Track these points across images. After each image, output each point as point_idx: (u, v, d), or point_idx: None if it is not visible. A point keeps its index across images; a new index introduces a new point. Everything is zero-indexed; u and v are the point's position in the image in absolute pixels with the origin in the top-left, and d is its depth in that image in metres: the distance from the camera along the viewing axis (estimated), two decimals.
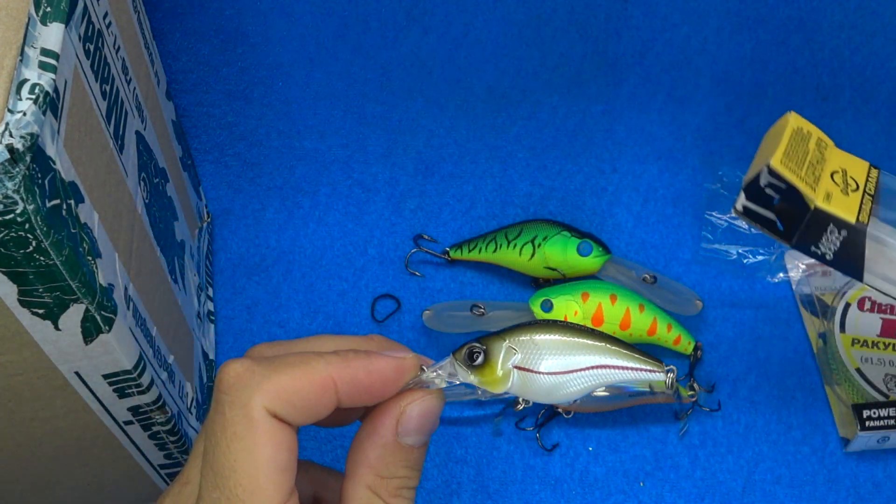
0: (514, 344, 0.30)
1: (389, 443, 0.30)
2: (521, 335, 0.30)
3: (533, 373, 0.30)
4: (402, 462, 0.31)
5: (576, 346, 0.30)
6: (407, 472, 0.31)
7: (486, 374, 0.30)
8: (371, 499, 0.30)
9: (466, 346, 0.31)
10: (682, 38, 0.74)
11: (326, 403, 0.29)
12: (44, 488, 0.44)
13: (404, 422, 0.31)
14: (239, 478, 0.27)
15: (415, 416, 0.31)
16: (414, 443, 0.31)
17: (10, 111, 0.25)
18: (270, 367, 0.29)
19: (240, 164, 0.68)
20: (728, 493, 0.55)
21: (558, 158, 0.70)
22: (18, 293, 0.29)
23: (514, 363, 0.30)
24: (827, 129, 0.73)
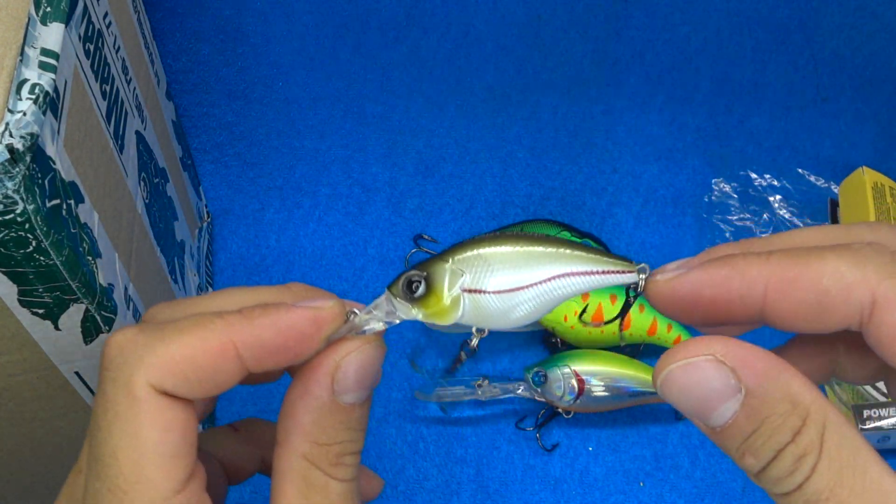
0: (460, 264, 0.26)
1: (325, 404, 0.26)
2: (465, 252, 0.26)
3: (486, 293, 0.26)
4: (342, 424, 0.26)
5: (531, 256, 0.26)
6: (348, 436, 0.26)
7: (430, 305, 0.26)
8: (308, 470, 0.26)
9: (403, 276, 0.26)
10: (682, 38, 0.74)
11: (229, 372, 0.24)
12: (44, 488, 0.44)
13: (341, 378, 0.26)
14: (121, 466, 0.24)
15: (352, 370, 0.26)
16: (354, 400, 0.26)
17: (10, 111, 0.25)
18: (157, 334, 0.24)
19: (240, 164, 0.68)
20: (728, 493, 0.55)
21: (558, 159, 0.70)
22: (18, 293, 0.29)
23: (462, 286, 0.26)
24: (827, 129, 0.73)
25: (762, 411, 0.22)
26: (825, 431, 0.22)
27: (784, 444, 0.22)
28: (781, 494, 0.22)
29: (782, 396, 0.22)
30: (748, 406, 0.22)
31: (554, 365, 0.55)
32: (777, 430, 0.22)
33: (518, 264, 0.26)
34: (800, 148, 0.72)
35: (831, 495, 0.21)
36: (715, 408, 0.23)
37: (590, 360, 0.56)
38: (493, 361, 0.60)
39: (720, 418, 0.23)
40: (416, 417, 0.57)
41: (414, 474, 0.55)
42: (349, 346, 0.26)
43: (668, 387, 0.24)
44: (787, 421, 0.22)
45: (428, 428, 0.57)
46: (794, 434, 0.22)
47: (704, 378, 0.23)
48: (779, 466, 0.22)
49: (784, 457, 0.22)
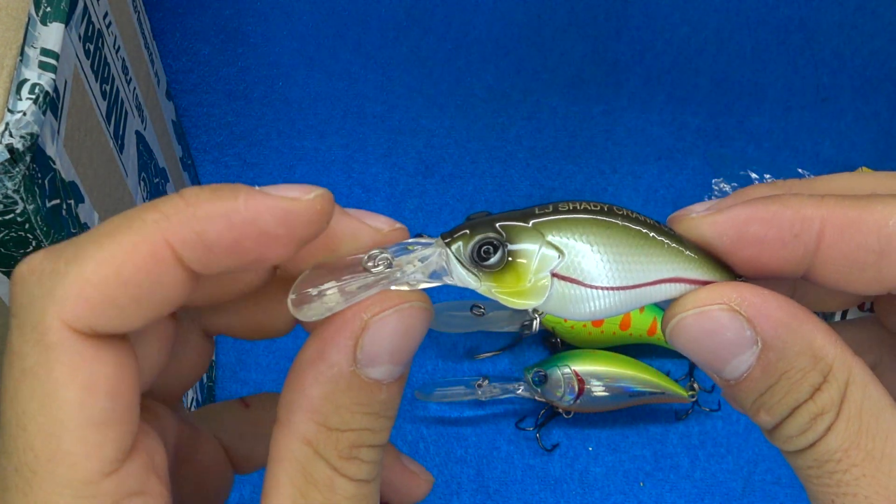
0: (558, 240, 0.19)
1: (342, 375, 0.19)
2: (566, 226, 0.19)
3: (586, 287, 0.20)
4: (361, 406, 0.20)
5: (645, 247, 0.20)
6: (368, 422, 0.20)
7: (505, 282, 0.20)
8: (310, 461, 0.20)
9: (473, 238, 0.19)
10: (682, 38, 0.74)
11: (168, 282, 0.18)
12: None
13: (367, 344, 0.19)
14: (30, 439, 0.18)
15: (385, 335, 0.20)
16: (382, 376, 0.20)
17: (10, 111, 0.25)
18: (69, 253, 0.18)
19: (240, 164, 0.68)
20: (728, 493, 0.55)
21: (558, 159, 0.70)
22: None
23: (553, 269, 0.20)
24: (827, 129, 0.73)
25: (779, 366, 0.20)
26: (847, 389, 0.20)
27: (801, 402, 0.20)
28: (793, 452, 0.21)
29: (802, 350, 0.20)
30: (764, 360, 0.20)
31: (554, 365, 0.55)
32: (795, 387, 0.20)
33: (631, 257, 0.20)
34: (800, 148, 0.72)
35: (844, 457, 0.20)
36: (728, 360, 0.20)
37: (590, 360, 0.56)
38: (493, 361, 0.60)
39: (734, 371, 0.20)
40: (416, 417, 0.57)
41: None
42: (385, 302, 0.20)
43: (678, 336, 0.21)
44: (806, 377, 0.20)
45: (428, 428, 0.57)
46: (814, 391, 0.20)
47: (717, 328, 0.20)
48: (793, 424, 0.20)
49: (800, 414, 0.20)
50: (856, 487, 0.19)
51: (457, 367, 0.59)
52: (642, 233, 0.21)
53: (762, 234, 0.21)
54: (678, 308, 0.21)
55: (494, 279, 0.20)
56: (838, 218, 0.20)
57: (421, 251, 0.20)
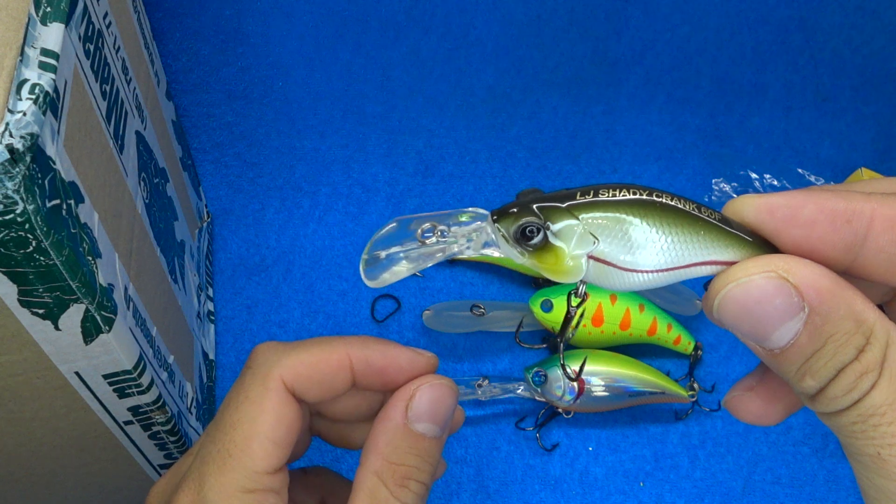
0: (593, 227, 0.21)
1: (399, 426, 0.30)
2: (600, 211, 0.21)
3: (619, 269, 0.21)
4: (412, 449, 0.30)
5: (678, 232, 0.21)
6: (416, 462, 0.30)
7: (546, 260, 0.21)
8: (376, 486, 0.29)
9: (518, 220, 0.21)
10: (682, 38, 0.74)
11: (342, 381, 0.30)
12: (44, 488, 0.44)
13: (414, 405, 0.30)
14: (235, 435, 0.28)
15: (425, 399, 0.30)
16: (425, 431, 0.30)
17: (10, 111, 0.25)
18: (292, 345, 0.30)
19: (240, 164, 0.68)
20: (728, 493, 0.55)
21: (558, 159, 0.70)
22: (18, 293, 0.29)
23: (589, 252, 0.21)
24: (827, 129, 0.73)
25: (826, 329, 0.21)
26: (888, 350, 0.21)
27: (846, 363, 0.21)
28: (834, 413, 0.22)
29: (846, 314, 0.21)
30: (812, 325, 0.21)
31: (554, 365, 0.55)
32: (841, 349, 0.21)
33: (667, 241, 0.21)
34: (800, 148, 0.72)
35: (889, 410, 0.21)
36: (776, 328, 0.21)
37: (590, 360, 0.56)
38: (493, 361, 0.60)
39: (780, 339, 0.21)
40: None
41: None
42: (425, 378, 0.31)
43: (726, 307, 0.22)
44: (850, 340, 0.21)
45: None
46: (858, 352, 0.21)
47: (766, 296, 0.21)
48: (839, 385, 0.21)
49: (845, 375, 0.21)
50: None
51: (457, 367, 0.59)
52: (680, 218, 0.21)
53: (815, 216, 0.22)
54: (725, 279, 0.22)
55: (536, 256, 0.21)
56: (888, 211, 0.21)
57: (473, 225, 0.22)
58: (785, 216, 0.22)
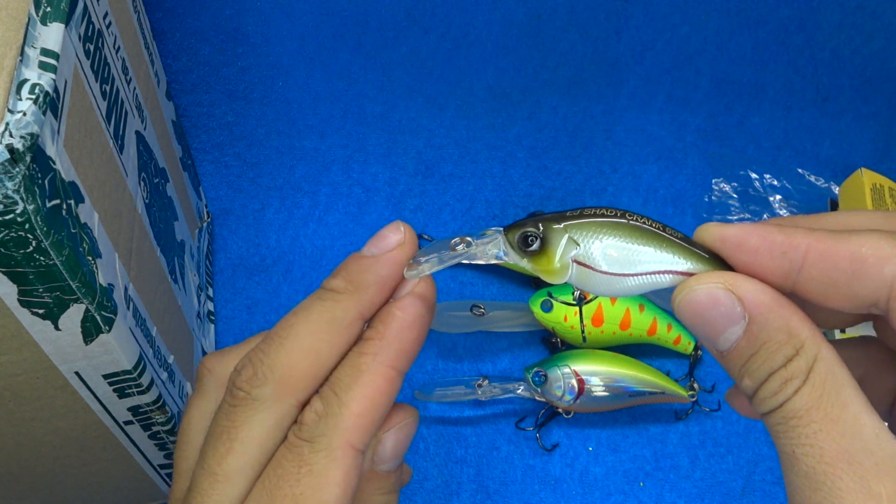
0: (576, 234, 0.27)
1: (365, 472, 0.29)
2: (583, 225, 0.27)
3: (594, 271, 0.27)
4: (381, 489, 0.30)
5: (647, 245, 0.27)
6: (385, 498, 0.30)
7: (541, 263, 0.27)
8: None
9: (521, 229, 0.28)
10: (682, 38, 0.74)
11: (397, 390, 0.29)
12: (44, 488, 0.44)
13: (380, 451, 0.29)
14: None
15: (389, 444, 0.29)
16: (391, 468, 0.30)
17: (10, 111, 0.25)
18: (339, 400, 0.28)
19: (240, 164, 0.68)
20: (728, 493, 0.55)
21: (558, 159, 0.70)
22: (18, 293, 0.29)
23: (573, 256, 0.27)
24: (827, 129, 0.73)
25: (761, 338, 0.25)
26: (815, 363, 0.24)
27: (776, 368, 0.24)
28: (765, 413, 0.25)
29: (780, 327, 0.25)
30: (749, 332, 0.25)
31: (554, 365, 0.55)
32: (772, 356, 0.25)
33: (632, 251, 0.27)
34: (800, 148, 0.72)
35: (806, 415, 0.24)
36: (722, 331, 0.25)
37: (590, 360, 0.56)
38: (493, 361, 0.60)
39: (726, 342, 0.25)
40: None
41: (414, 474, 0.55)
42: (388, 424, 0.29)
43: (684, 308, 0.26)
44: (781, 349, 0.25)
45: (428, 428, 0.57)
46: (787, 360, 0.24)
47: (714, 302, 0.25)
48: (768, 387, 0.25)
49: (774, 379, 0.24)
50: (813, 440, 0.24)
51: (457, 367, 0.59)
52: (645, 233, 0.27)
53: (758, 246, 0.26)
54: (686, 286, 0.26)
55: (534, 260, 0.28)
56: (820, 245, 0.25)
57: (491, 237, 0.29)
58: (734, 244, 0.26)
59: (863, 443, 0.23)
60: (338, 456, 0.27)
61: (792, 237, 0.25)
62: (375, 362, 0.28)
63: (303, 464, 0.27)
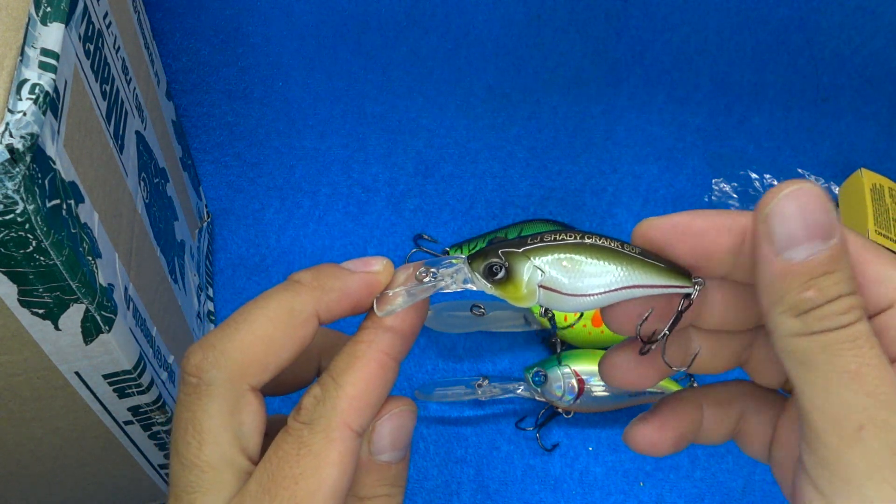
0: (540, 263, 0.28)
1: (364, 462, 0.29)
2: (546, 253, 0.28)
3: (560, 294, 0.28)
4: (381, 480, 0.30)
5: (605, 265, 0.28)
6: (387, 491, 0.30)
7: (508, 290, 0.28)
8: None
9: (485, 261, 0.28)
10: (682, 38, 0.74)
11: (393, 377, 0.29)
12: (44, 488, 0.44)
13: (376, 439, 0.29)
14: (297, 491, 0.27)
15: (386, 432, 0.29)
16: (391, 459, 0.30)
17: (10, 111, 0.25)
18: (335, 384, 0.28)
19: (240, 164, 0.68)
20: (728, 493, 0.55)
21: (558, 159, 0.70)
22: (18, 293, 0.29)
23: (539, 282, 0.28)
24: (827, 129, 0.73)
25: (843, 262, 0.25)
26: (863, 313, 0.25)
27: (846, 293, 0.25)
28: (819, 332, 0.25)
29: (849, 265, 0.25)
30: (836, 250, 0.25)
31: (554, 365, 0.55)
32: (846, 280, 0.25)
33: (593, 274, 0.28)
34: (800, 148, 0.72)
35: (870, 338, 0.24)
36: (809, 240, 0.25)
37: (590, 360, 0.56)
38: (493, 361, 0.60)
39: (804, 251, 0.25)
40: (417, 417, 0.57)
41: (414, 474, 0.55)
42: (383, 410, 0.29)
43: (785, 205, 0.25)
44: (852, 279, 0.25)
45: (428, 428, 0.57)
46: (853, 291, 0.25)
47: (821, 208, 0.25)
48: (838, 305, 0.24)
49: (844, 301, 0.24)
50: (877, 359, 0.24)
51: (457, 367, 0.59)
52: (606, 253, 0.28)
53: (704, 228, 0.27)
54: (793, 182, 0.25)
55: (501, 288, 0.28)
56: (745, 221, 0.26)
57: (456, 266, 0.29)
58: (682, 229, 0.27)
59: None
60: (335, 437, 0.27)
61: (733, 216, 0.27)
62: (371, 349, 0.28)
63: (302, 445, 0.27)
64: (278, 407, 0.54)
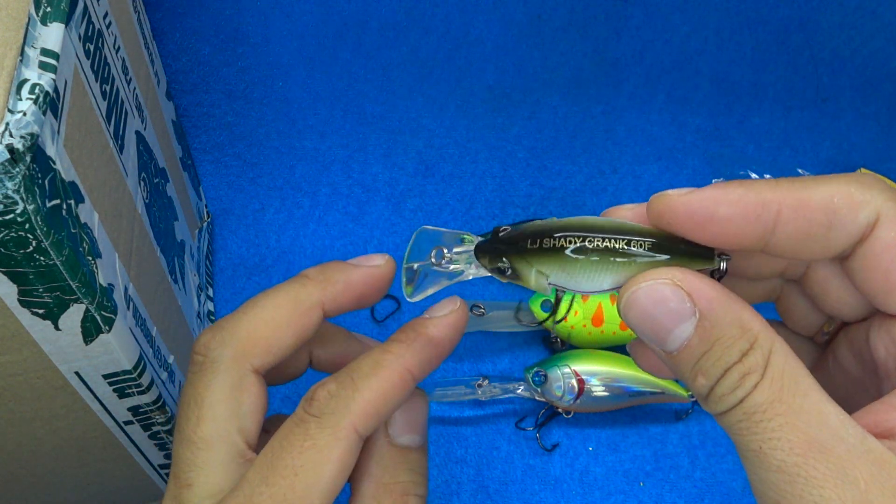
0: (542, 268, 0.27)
1: (383, 445, 0.30)
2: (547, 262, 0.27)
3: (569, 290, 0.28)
4: (402, 465, 0.30)
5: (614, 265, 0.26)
6: (410, 476, 0.30)
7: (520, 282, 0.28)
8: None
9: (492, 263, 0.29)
10: (682, 39, 0.74)
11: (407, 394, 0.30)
12: (44, 488, 0.44)
13: (392, 423, 0.30)
14: (294, 482, 0.27)
15: (399, 416, 0.30)
16: (409, 443, 0.30)
17: (10, 111, 0.25)
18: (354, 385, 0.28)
19: (240, 164, 0.68)
20: (728, 493, 0.55)
21: (558, 159, 0.70)
22: (18, 293, 0.29)
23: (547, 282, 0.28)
24: (827, 129, 0.73)
25: (714, 333, 0.24)
26: (770, 356, 0.24)
27: (732, 364, 0.24)
28: (723, 412, 0.24)
29: (732, 321, 0.24)
30: (701, 328, 0.24)
31: (554, 365, 0.55)
32: (727, 351, 0.24)
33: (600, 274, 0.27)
34: (800, 148, 0.72)
35: (769, 408, 0.23)
36: (672, 329, 0.24)
37: (590, 360, 0.56)
38: (493, 361, 0.60)
39: (676, 341, 0.24)
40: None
41: None
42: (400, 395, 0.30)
43: (630, 307, 0.25)
44: (736, 343, 0.24)
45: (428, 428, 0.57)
46: (742, 355, 0.24)
47: (663, 299, 0.24)
48: (725, 384, 0.24)
49: (731, 374, 0.24)
50: (780, 433, 0.23)
51: (457, 367, 0.59)
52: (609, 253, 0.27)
53: (730, 215, 0.25)
54: (629, 285, 0.25)
55: (511, 279, 0.28)
56: (792, 198, 0.24)
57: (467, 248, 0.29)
58: (704, 217, 0.25)
59: (830, 431, 0.22)
60: (342, 436, 0.27)
61: (761, 195, 0.25)
62: (397, 362, 0.29)
63: (307, 437, 0.28)
64: (278, 407, 0.54)
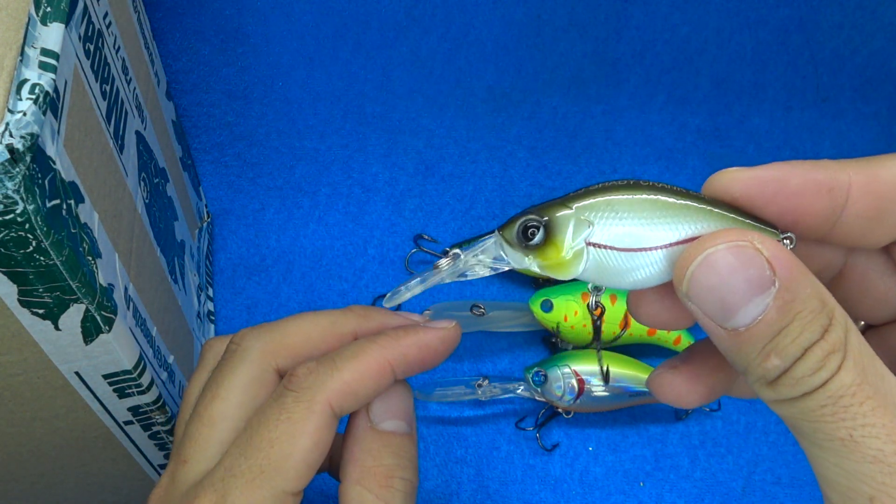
0: (586, 212, 0.22)
1: (366, 431, 0.31)
2: (592, 198, 0.22)
3: (616, 250, 0.22)
4: (387, 449, 0.30)
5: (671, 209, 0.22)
6: (394, 460, 0.30)
7: (548, 256, 0.23)
8: (360, 495, 0.29)
9: (519, 219, 0.23)
10: (682, 39, 0.74)
11: (385, 385, 0.30)
12: (44, 488, 0.44)
13: (372, 407, 0.31)
14: (270, 453, 0.28)
15: (379, 402, 0.31)
16: (394, 428, 0.31)
17: (10, 111, 0.25)
18: (333, 364, 0.30)
19: (240, 164, 0.68)
20: (728, 493, 0.55)
21: (558, 159, 0.70)
22: (18, 293, 0.29)
23: (587, 239, 0.22)
24: (827, 129, 0.73)
25: (795, 306, 0.21)
26: (848, 334, 0.21)
27: (813, 342, 0.21)
28: (798, 397, 0.21)
29: (813, 293, 0.21)
30: (781, 299, 0.21)
31: (554, 365, 0.55)
32: (808, 327, 0.21)
33: (654, 219, 0.22)
34: (800, 148, 0.72)
35: (858, 391, 0.20)
36: (746, 302, 0.21)
37: (590, 360, 0.56)
38: (493, 361, 0.60)
39: (748, 315, 0.21)
40: (416, 417, 0.57)
41: None
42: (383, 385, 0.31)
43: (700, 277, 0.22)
44: (817, 318, 0.21)
45: (428, 428, 0.57)
46: (824, 331, 0.21)
47: (741, 264, 0.21)
48: (806, 364, 0.21)
49: (813, 353, 0.21)
50: (873, 418, 0.20)
51: (457, 367, 0.59)
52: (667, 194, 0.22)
53: (801, 188, 0.22)
54: (699, 247, 0.22)
55: (539, 254, 0.23)
56: (862, 176, 0.22)
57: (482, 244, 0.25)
58: (774, 189, 0.23)
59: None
60: (316, 410, 0.28)
61: (833, 171, 0.22)
62: (379, 352, 0.30)
63: (283, 410, 0.29)
64: None
